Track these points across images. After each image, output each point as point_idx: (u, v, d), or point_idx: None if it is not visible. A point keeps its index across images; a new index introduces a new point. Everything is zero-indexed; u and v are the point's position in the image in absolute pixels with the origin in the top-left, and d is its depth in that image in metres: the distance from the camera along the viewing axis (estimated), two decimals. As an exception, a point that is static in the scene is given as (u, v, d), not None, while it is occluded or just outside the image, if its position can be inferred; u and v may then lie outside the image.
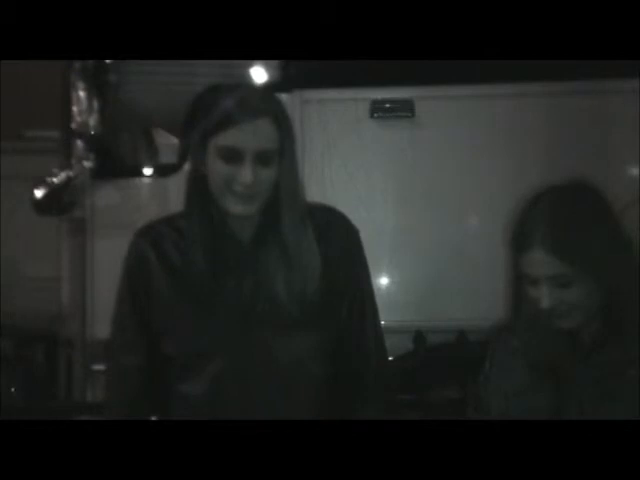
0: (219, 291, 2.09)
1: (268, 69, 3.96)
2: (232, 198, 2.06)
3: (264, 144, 2.05)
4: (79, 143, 3.83)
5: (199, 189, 2.11)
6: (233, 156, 2.05)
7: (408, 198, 3.84)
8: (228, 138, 2.05)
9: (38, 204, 3.77)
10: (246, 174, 2.04)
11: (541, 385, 2.02)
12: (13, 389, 4.20)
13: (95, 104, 3.85)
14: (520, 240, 2.02)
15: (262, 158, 2.05)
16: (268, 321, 2.08)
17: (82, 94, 3.83)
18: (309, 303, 2.09)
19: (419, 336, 3.79)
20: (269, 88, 2.24)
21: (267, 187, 2.07)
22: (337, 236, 2.19)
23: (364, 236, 3.74)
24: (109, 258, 3.84)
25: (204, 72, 4.22)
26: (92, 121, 3.84)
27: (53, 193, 3.79)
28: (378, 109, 3.82)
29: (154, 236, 2.18)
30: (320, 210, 2.21)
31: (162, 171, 4.02)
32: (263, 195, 2.07)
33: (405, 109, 3.81)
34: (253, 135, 2.05)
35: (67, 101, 3.86)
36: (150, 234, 2.19)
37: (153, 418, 2.16)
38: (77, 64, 3.82)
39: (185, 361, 2.11)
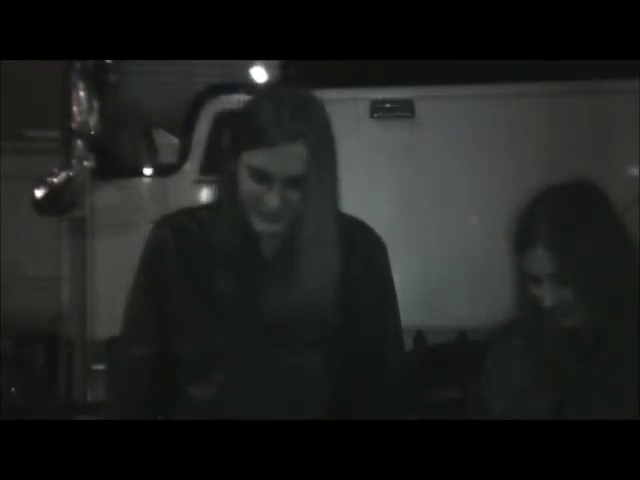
0: (238, 297, 2.06)
1: (268, 69, 3.96)
2: (258, 216, 2.02)
3: (296, 169, 2.00)
4: (79, 143, 3.83)
5: (229, 195, 2.05)
6: (262, 178, 1.99)
7: (408, 198, 3.84)
8: (259, 159, 1.99)
9: (38, 204, 3.77)
10: (274, 199, 1.99)
11: (542, 385, 2.03)
12: (13, 389, 4.19)
13: (95, 104, 3.84)
14: (522, 238, 2.03)
15: (292, 182, 2.00)
16: (284, 334, 2.05)
17: (82, 94, 3.82)
18: (326, 319, 2.05)
19: (419, 336, 3.79)
20: (310, 102, 2.16)
21: (295, 208, 2.02)
22: (362, 253, 2.15)
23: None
24: (109, 258, 3.86)
25: (204, 72, 4.23)
26: (92, 121, 3.84)
27: (53, 193, 3.78)
28: (378, 109, 3.82)
29: (175, 228, 2.12)
30: (348, 225, 2.15)
31: (162, 171, 4.02)
32: (290, 215, 2.02)
33: (405, 109, 3.81)
34: (285, 160, 1.99)
35: (67, 101, 3.86)
36: (171, 225, 2.13)
37: (159, 418, 2.14)
38: (77, 64, 3.82)
39: (195, 362, 2.07)
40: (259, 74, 4.09)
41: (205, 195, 3.60)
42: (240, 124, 2.04)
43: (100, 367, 3.84)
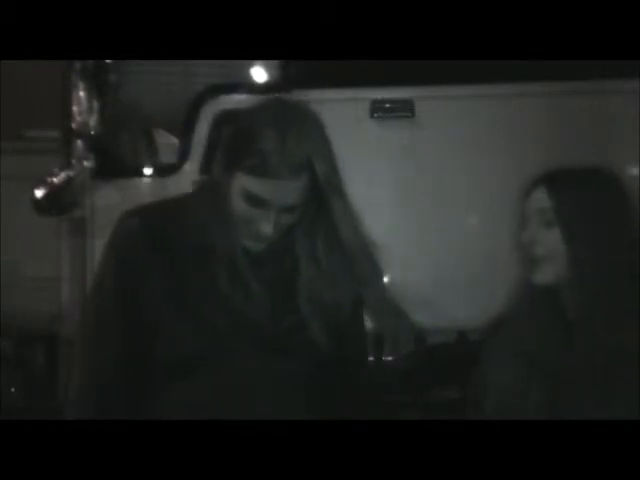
0: (217, 299, 1.98)
1: (268, 69, 3.97)
2: (247, 234, 1.96)
3: (295, 199, 1.94)
4: (79, 143, 3.84)
5: (216, 209, 1.97)
6: (258, 204, 1.92)
7: (408, 198, 3.84)
8: (257, 187, 1.91)
9: (38, 204, 3.77)
10: (268, 225, 1.93)
11: (536, 382, 2.03)
12: (13, 389, 4.20)
13: (95, 104, 3.85)
14: (526, 191, 2.09)
15: (288, 210, 1.94)
16: (264, 341, 1.98)
17: (82, 94, 3.83)
18: (303, 329, 2.00)
19: (419, 336, 3.79)
20: (314, 124, 2.03)
21: (286, 230, 1.97)
22: (352, 280, 2.05)
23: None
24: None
25: (204, 72, 4.23)
26: (92, 121, 3.84)
27: (53, 193, 3.79)
28: (378, 109, 3.82)
29: (147, 221, 2.03)
30: (345, 245, 2.05)
31: (162, 171, 4.02)
32: (280, 235, 1.97)
33: (405, 109, 3.82)
34: (285, 191, 1.92)
35: (67, 101, 3.86)
36: (143, 218, 2.04)
37: (163, 419, 2.10)
38: (77, 64, 3.82)
39: (172, 364, 1.97)
40: (259, 74, 4.09)
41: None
42: (239, 145, 1.95)
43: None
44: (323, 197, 1.98)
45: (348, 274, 2.03)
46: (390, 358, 3.87)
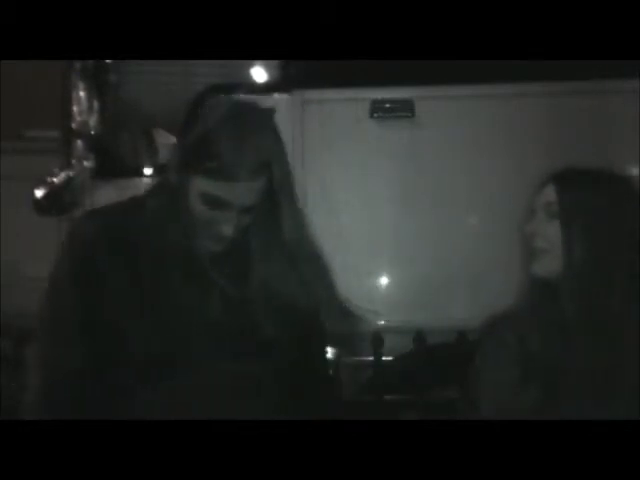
0: (176, 299, 1.98)
1: (268, 69, 3.97)
2: (207, 235, 1.96)
3: (254, 199, 1.94)
4: (79, 143, 3.84)
5: (172, 210, 1.97)
6: (217, 205, 1.93)
7: (408, 198, 3.84)
8: (216, 189, 1.92)
9: (38, 204, 3.77)
10: (228, 226, 1.94)
11: (533, 381, 2.03)
12: (13, 389, 4.19)
13: (95, 104, 3.85)
14: (538, 186, 2.12)
15: (247, 211, 1.95)
16: (222, 340, 1.99)
17: (82, 94, 3.83)
18: (258, 328, 2.00)
19: (419, 336, 3.79)
20: (272, 123, 2.02)
21: (244, 230, 1.98)
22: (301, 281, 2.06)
23: (364, 236, 3.75)
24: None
25: (204, 72, 4.22)
26: (92, 121, 3.84)
27: (53, 193, 3.79)
28: (378, 109, 3.82)
29: (104, 222, 2.02)
30: (292, 246, 2.05)
31: (162, 171, 4.02)
32: (238, 235, 1.97)
33: (405, 109, 3.81)
34: (245, 193, 1.93)
35: (67, 101, 3.87)
36: (99, 219, 2.04)
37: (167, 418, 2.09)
38: (77, 64, 3.82)
39: (136, 365, 1.95)
40: (259, 74, 4.09)
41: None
42: (196, 148, 1.95)
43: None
44: (276, 198, 1.98)
45: (296, 275, 2.03)
46: (390, 358, 3.87)
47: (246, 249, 2.01)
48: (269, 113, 2.03)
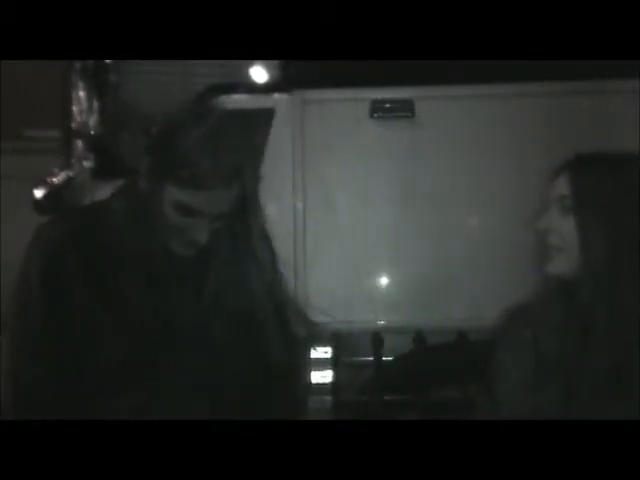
0: (145, 305, 1.98)
1: (268, 69, 3.97)
2: (177, 242, 1.96)
3: (227, 207, 1.94)
4: (79, 143, 3.84)
5: (144, 215, 1.97)
6: (189, 213, 1.92)
7: (408, 198, 3.84)
8: (188, 198, 1.91)
9: (38, 204, 3.77)
10: (201, 233, 1.94)
11: (549, 381, 1.98)
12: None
13: (95, 104, 3.85)
14: (551, 177, 2.02)
15: (219, 218, 1.95)
16: (196, 340, 2.00)
17: (82, 94, 3.83)
18: (231, 323, 2.02)
19: (419, 336, 3.79)
20: (244, 128, 2.05)
21: (216, 234, 1.97)
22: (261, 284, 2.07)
23: (364, 236, 3.74)
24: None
25: (204, 72, 4.22)
26: (92, 121, 3.84)
27: (53, 193, 3.79)
28: (378, 109, 3.82)
29: (73, 225, 2.02)
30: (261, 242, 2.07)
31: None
32: (210, 241, 1.97)
33: (405, 109, 3.82)
34: (218, 201, 1.92)
35: (67, 101, 3.87)
36: (69, 221, 2.04)
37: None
38: (77, 64, 3.82)
39: (104, 368, 1.95)
40: (259, 74, 4.09)
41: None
42: (166, 156, 1.94)
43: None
44: (246, 202, 1.98)
45: (258, 276, 2.04)
46: (390, 358, 3.87)
47: (215, 252, 2.01)
48: (236, 116, 2.04)
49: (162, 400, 1.98)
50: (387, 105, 3.83)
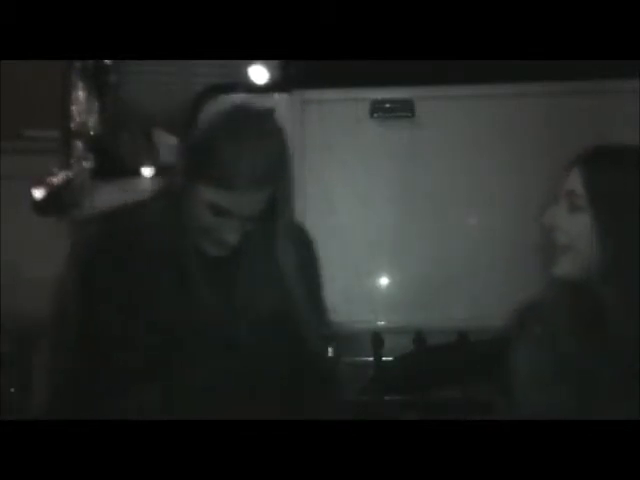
0: (174, 301, 2.00)
1: (268, 69, 3.96)
2: (210, 241, 1.98)
3: (259, 208, 1.96)
4: (79, 143, 3.83)
5: (176, 213, 1.99)
6: (222, 214, 1.95)
7: (408, 198, 3.84)
8: (220, 197, 1.93)
9: (38, 204, 3.77)
10: (232, 234, 1.96)
11: (564, 379, 1.94)
12: (13, 389, 4.19)
13: (95, 104, 3.85)
14: (561, 172, 1.94)
15: (251, 219, 1.97)
16: (225, 340, 2.01)
17: (82, 94, 3.83)
18: (262, 325, 2.03)
19: (419, 336, 3.79)
20: (279, 135, 2.03)
21: (246, 236, 1.99)
22: (299, 264, 2.08)
23: (364, 236, 3.74)
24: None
25: (204, 72, 4.22)
26: (92, 121, 3.84)
27: (53, 193, 3.78)
28: (378, 109, 3.82)
29: (110, 223, 2.05)
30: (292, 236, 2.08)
31: (162, 171, 4.02)
32: (240, 242, 1.99)
33: (405, 109, 3.81)
34: (250, 203, 1.94)
35: (67, 101, 3.86)
36: (104, 221, 2.06)
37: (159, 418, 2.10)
38: (77, 64, 3.82)
39: (136, 369, 1.98)
40: (259, 74, 4.09)
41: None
42: (201, 156, 1.96)
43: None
44: (276, 205, 2.00)
45: (282, 286, 2.05)
46: (390, 358, 3.87)
47: (245, 253, 2.02)
48: (272, 118, 2.04)
49: (189, 399, 1.99)
50: (387, 105, 3.82)
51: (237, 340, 2.02)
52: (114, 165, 3.99)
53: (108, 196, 3.92)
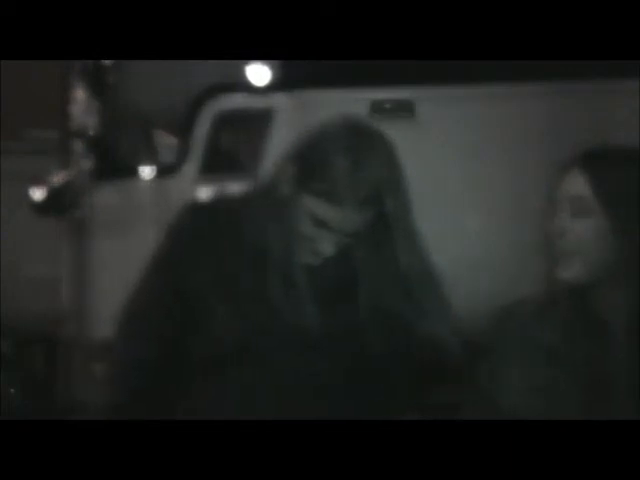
0: (268, 300, 2.00)
1: (268, 69, 3.97)
2: (307, 249, 1.99)
3: (357, 228, 1.97)
4: (79, 143, 3.84)
5: (279, 215, 1.99)
6: (321, 225, 1.95)
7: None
8: (322, 210, 1.94)
9: (38, 204, 3.78)
10: (328, 247, 1.97)
11: (565, 382, 1.91)
12: (13, 389, 4.20)
13: (95, 104, 3.85)
14: (559, 174, 1.91)
15: (351, 235, 1.98)
16: (311, 337, 2.01)
17: (82, 94, 3.83)
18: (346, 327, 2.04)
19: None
20: (390, 151, 2.11)
21: (346, 250, 2.00)
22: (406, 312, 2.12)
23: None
24: (109, 258, 3.85)
25: (204, 72, 4.22)
26: (92, 121, 3.84)
27: (53, 193, 3.79)
28: (378, 109, 3.82)
29: (206, 214, 2.05)
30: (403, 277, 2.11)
31: (162, 171, 4.02)
32: (339, 254, 2.00)
33: (405, 109, 3.82)
34: (354, 218, 1.95)
35: (67, 101, 3.87)
36: (202, 210, 2.08)
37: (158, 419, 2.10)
38: (77, 64, 3.82)
39: (211, 360, 1.99)
40: (259, 74, 4.09)
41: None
42: (310, 167, 1.97)
43: (99, 367, 3.84)
44: (388, 229, 2.00)
45: (402, 307, 2.09)
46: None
47: (349, 269, 2.03)
48: (386, 140, 2.09)
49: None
50: (387, 105, 3.83)
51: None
52: (114, 165, 4.00)
53: (108, 196, 3.93)
